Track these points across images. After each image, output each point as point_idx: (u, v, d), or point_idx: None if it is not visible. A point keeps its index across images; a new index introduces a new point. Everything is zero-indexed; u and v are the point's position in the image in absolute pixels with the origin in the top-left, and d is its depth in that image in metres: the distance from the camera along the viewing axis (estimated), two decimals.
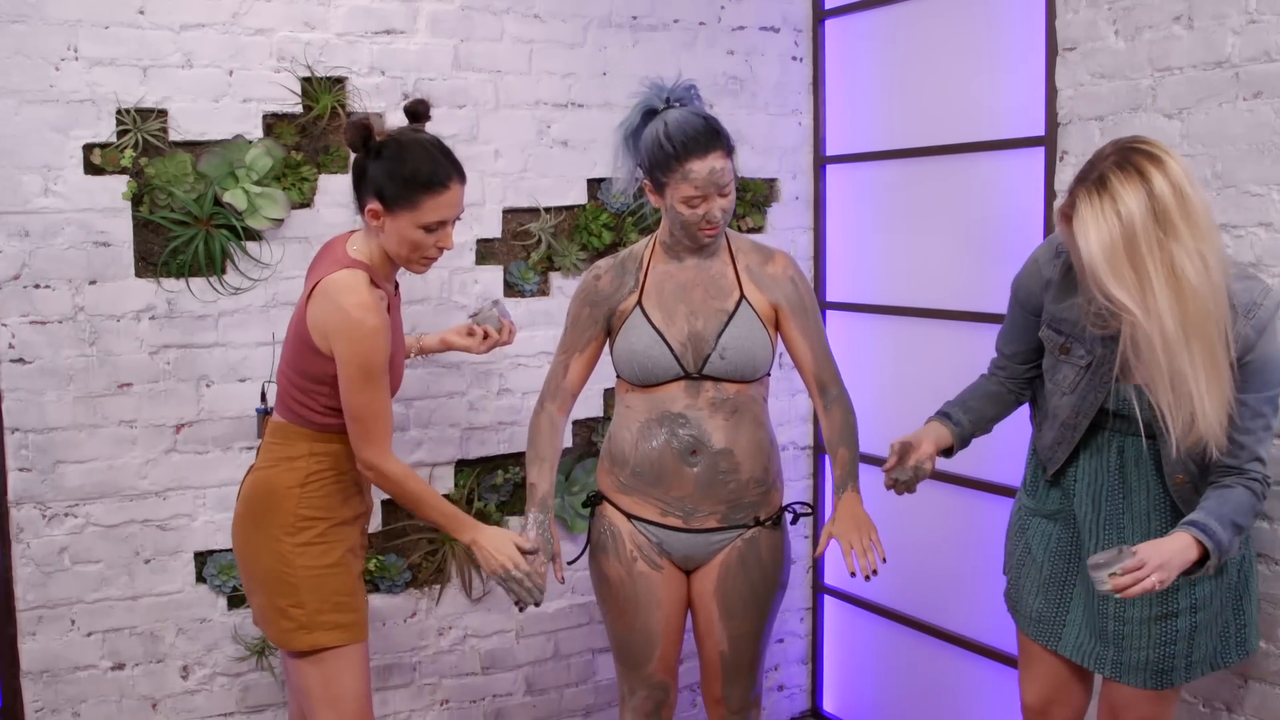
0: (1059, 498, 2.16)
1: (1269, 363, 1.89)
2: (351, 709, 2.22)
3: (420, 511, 2.24)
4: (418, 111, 2.21)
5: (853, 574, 2.18)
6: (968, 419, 2.24)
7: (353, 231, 2.27)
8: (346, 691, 2.21)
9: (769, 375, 2.40)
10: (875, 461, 3.25)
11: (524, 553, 2.25)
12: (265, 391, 2.49)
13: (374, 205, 2.11)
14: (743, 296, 2.32)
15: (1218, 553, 1.86)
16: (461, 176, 2.16)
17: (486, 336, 2.55)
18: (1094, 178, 1.81)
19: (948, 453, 2.27)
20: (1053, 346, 2.10)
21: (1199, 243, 1.77)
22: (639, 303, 2.33)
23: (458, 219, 2.20)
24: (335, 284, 2.09)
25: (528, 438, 2.43)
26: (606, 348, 2.43)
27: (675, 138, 2.19)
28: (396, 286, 2.31)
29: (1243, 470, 1.92)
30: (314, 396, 2.17)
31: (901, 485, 2.18)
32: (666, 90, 2.29)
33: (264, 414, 2.35)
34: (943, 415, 2.26)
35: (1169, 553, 1.83)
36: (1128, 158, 1.80)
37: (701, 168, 2.19)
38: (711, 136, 2.21)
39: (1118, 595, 1.80)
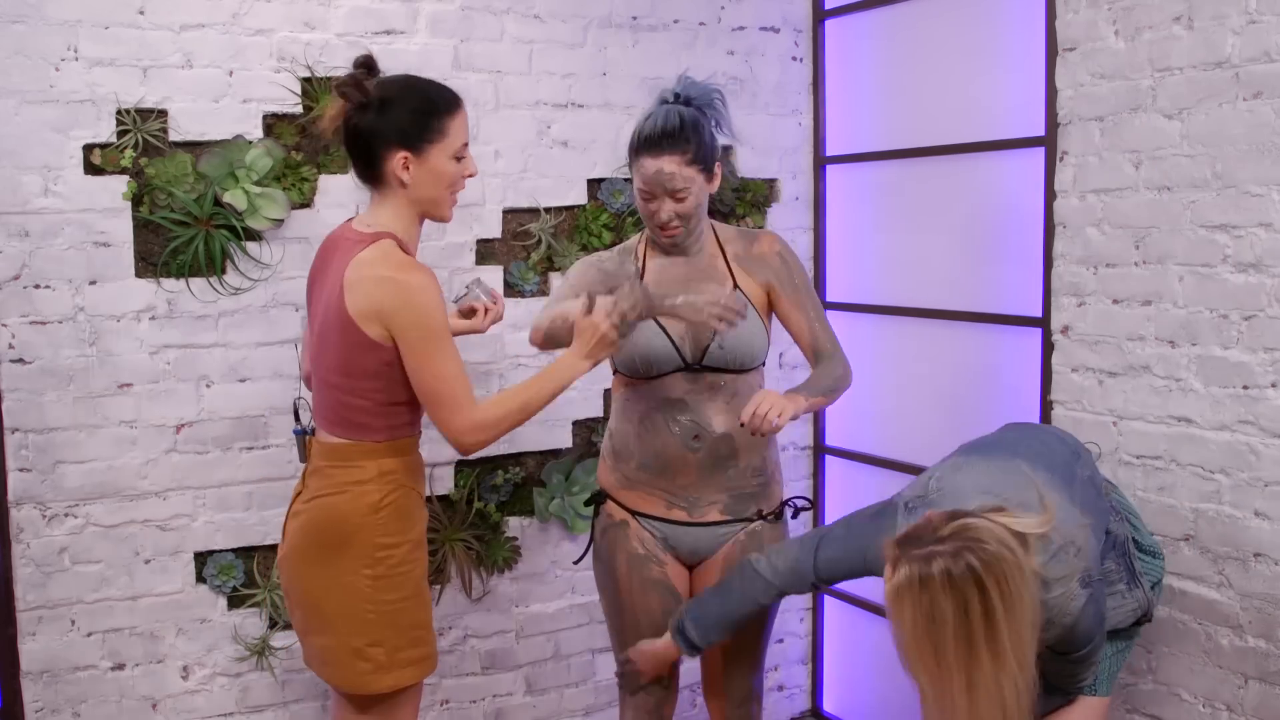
0: None
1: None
2: None
3: (536, 409, 2.05)
4: (370, 64, 2.04)
5: (741, 424, 2.12)
6: None
7: (349, 221, 2.13)
8: None
9: (764, 364, 2.40)
10: (873, 461, 3.26)
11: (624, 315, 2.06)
12: (298, 410, 2.37)
13: (403, 155, 1.99)
14: (736, 287, 2.33)
15: None
16: (461, 97, 2.09)
17: (486, 312, 2.46)
18: (923, 556, 1.67)
19: None
20: None
21: (997, 671, 1.66)
22: None
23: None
24: (366, 261, 1.96)
25: (540, 327, 2.29)
26: None
27: (642, 131, 2.24)
28: None
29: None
30: (368, 396, 2.00)
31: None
32: (679, 87, 2.28)
33: (302, 435, 2.19)
34: None
35: None
36: (963, 558, 1.65)
37: (650, 165, 2.22)
38: (671, 139, 2.20)
39: None
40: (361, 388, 2.00)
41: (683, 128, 2.22)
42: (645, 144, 2.23)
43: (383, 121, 1.99)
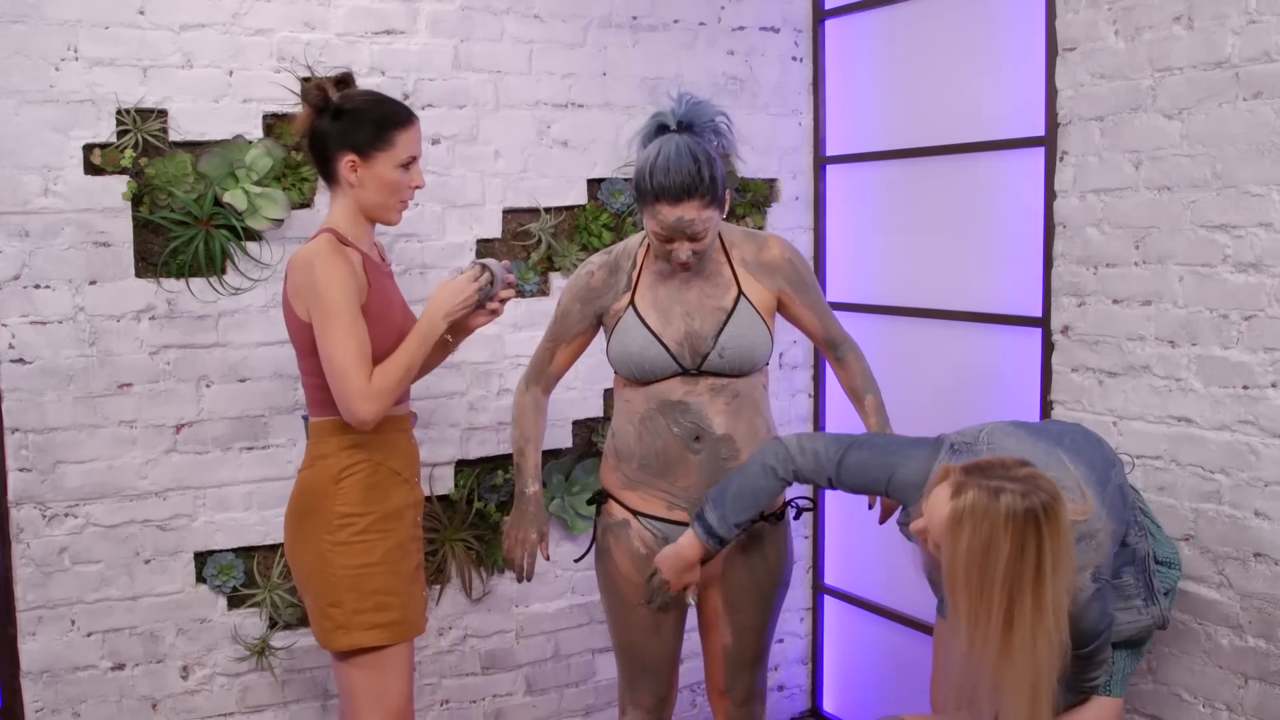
0: None
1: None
2: (394, 708, 2.22)
3: (417, 368, 2.20)
4: (347, 79, 2.24)
5: (882, 522, 2.43)
6: None
7: None
8: (389, 691, 2.21)
9: (767, 365, 2.41)
10: None
11: None
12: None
13: (351, 158, 2.16)
14: (741, 292, 2.32)
15: None
16: (415, 115, 2.24)
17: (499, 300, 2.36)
18: (993, 487, 1.72)
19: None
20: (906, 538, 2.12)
21: (1035, 623, 1.71)
22: (632, 303, 2.32)
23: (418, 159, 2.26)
24: (297, 254, 2.15)
25: (513, 416, 2.47)
26: (599, 340, 2.43)
27: (655, 176, 2.16)
28: (383, 257, 2.34)
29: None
30: (318, 374, 2.16)
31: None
32: (681, 113, 2.23)
33: (307, 420, 2.30)
34: None
35: None
36: (1030, 500, 1.71)
37: (670, 213, 2.17)
38: (691, 187, 2.15)
39: None
40: (312, 366, 2.17)
41: (699, 171, 2.16)
42: (664, 192, 2.16)
43: (337, 127, 2.17)
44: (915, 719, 2.19)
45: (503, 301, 2.31)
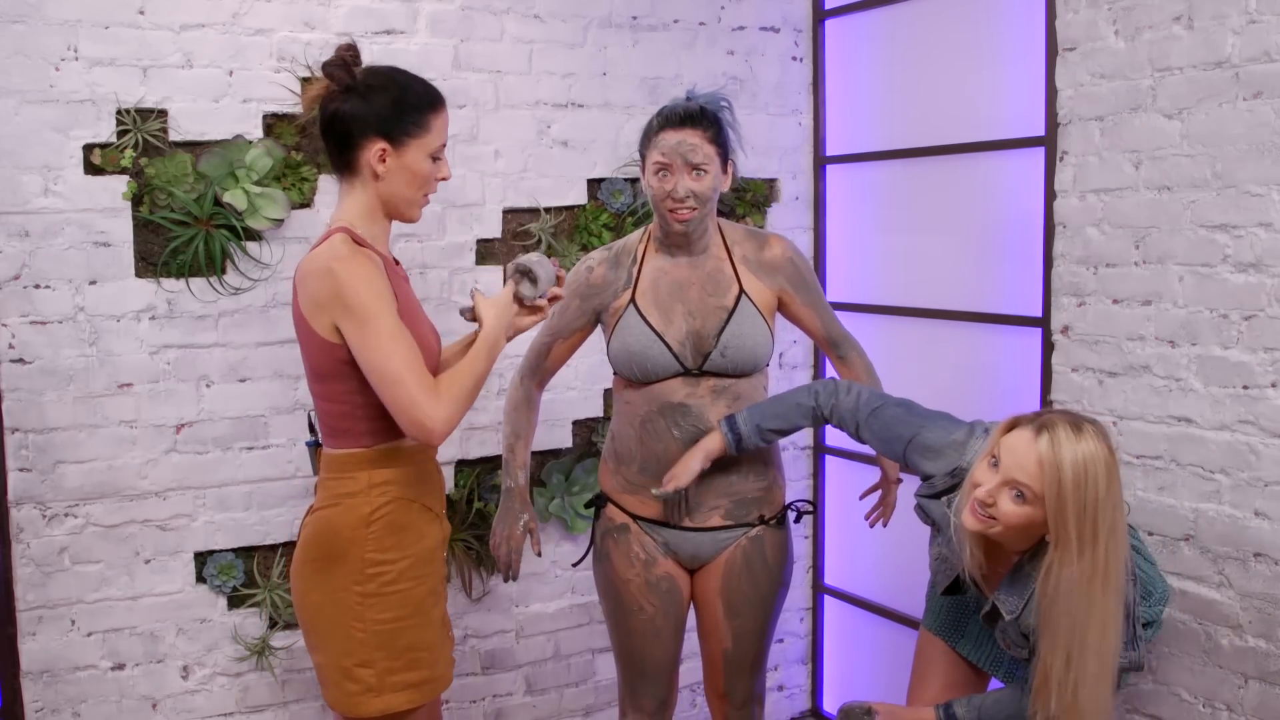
0: None
1: None
2: None
3: (484, 380, 1.95)
4: (355, 50, 1.96)
5: (873, 526, 2.58)
6: None
7: None
8: None
9: (768, 366, 2.40)
10: (874, 461, 3.25)
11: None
12: (312, 421, 2.20)
13: (381, 146, 1.91)
14: (742, 291, 2.32)
15: None
16: (444, 97, 2.02)
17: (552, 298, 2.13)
18: (1074, 423, 1.84)
19: None
20: (922, 517, 2.12)
21: (1121, 550, 1.84)
22: (633, 300, 2.32)
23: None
24: (311, 258, 1.91)
25: (505, 410, 2.47)
26: (598, 339, 2.43)
27: (662, 113, 2.25)
28: (397, 262, 2.10)
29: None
30: (340, 400, 1.93)
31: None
32: (693, 91, 2.30)
33: (314, 447, 2.11)
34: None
35: None
36: (1106, 433, 1.86)
37: (671, 137, 2.21)
38: (694, 116, 2.23)
39: None
40: (331, 391, 1.94)
41: (704, 112, 2.24)
42: (668, 121, 2.23)
43: (365, 108, 1.91)
44: (882, 706, 2.17)
45: (551, 301, 2.08)
